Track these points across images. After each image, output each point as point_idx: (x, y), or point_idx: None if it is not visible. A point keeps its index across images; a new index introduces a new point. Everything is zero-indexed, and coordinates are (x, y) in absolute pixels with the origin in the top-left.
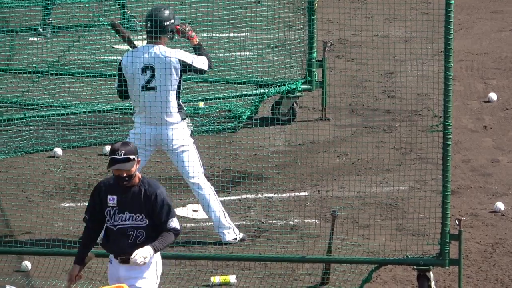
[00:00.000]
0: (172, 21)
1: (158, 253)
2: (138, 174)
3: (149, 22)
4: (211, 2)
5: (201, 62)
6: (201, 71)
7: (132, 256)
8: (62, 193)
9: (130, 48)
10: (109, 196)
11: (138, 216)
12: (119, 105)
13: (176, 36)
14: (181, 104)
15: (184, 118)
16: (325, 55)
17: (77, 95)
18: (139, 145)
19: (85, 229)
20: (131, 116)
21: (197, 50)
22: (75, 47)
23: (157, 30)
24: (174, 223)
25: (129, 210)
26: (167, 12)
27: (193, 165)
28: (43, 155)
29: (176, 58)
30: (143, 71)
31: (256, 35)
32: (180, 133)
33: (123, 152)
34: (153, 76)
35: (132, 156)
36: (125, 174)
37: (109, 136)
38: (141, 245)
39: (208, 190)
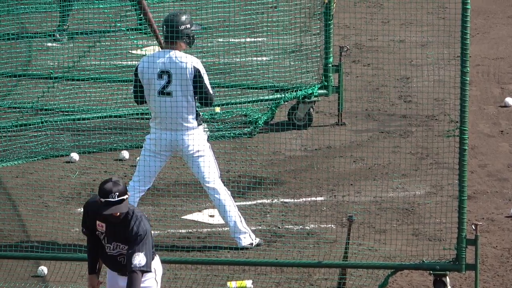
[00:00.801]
0: (188, 25)
1: (157, 258)
2: (130, 206)
3: (165, 27)
4: (228, 7)
5: (210, 86)
6: (206, 93)
7: None
8: (79, 198)
9: (151, 33)
10: (98, 222)
11: (124, 246)
12: (135, 110)
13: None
14: (198, 109)
15: (201, 124)
16: (341, 60)
17: (93, 100)
18: (155, 150)
19: (88, 240)
20: (147, 121)
21: None
22: (91, 52)
23: (172, 35)
24: (136, 260)
25: (116, 240)
26: (183, 17)
27: (209, 170)
28: (59, 160)
29: (192, 64)
30: (160, 76)
31: (272, 40)
32: (196, 138)
33: (117, 194)
34: (169, 81)
35: (125, 196)
36: (118, 214)
37: (125, 141)
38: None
39: (224, 194)
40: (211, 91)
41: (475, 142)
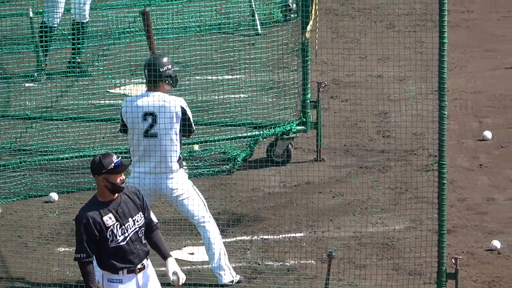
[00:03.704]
0: (170, 66)
1: None
2: None
3: (147, 70)
4: (206, 45)
5: (193, 124)
6: (190, 127)
7: (180, 283)
8: (58, 238)
9: (149, 50)
10: (105, 218)
11: (138, 216)
12: (113, 149)
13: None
14: (181, 151)
15: (182, 167)
16: (319, 96)
17: (72, 139)
18: None
19: (88, 263)
20: (126, 159)
21: None
22: (69, 92)
23: (155, 77)
24: (154, 216)
25: (130, 216)
26: (164, 59)
27: (198, 209)
28: (38, 200)
29: (179, 104)
30: (144, 118)
31: (250, 77)
32: (179, 182)
33: (115, 156)
34: (154, 123)
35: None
36: (124, 177)
37: None
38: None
39: (214, 232)
40: (194, 128)
41: (454, 176)
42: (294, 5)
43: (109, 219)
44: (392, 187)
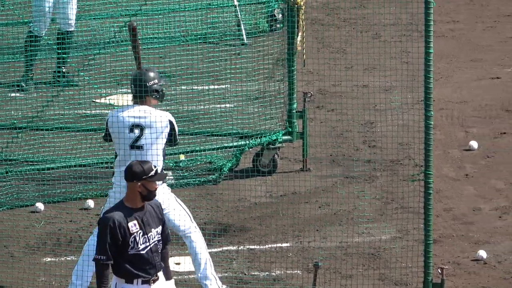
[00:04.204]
0: (156, 81)
1: None
2: None
3: (133, 85)
4: (192, 54)
5: (177, 135)
6: (175, 143)
7: None
8: (44, 248)
9: (135, 62)
10: (130, 224)
11: (159, 229)
12: (99, 159)
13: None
14: (164, 162)
15: (165, 181)
16: (305, 106)
17: (58, 149)
18: None
19: (106, 266)
20: (111, 169)
21: None
22: (55, 102)
23: (142, 92)
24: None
25: (153, 227)
26: (151, 74)
27: (183, 221)
28: (24, 210)
29: (167, 118)
30: (131, 130)
31: (236, 87)
32: (161, 196)
33: (153, 165)
34: (141, 135)
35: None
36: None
37: (90, 190)
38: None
39: (199, 242)
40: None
41: (440, 186)
42: (280, 15)
43: (133, 226)
44: (378, 197)
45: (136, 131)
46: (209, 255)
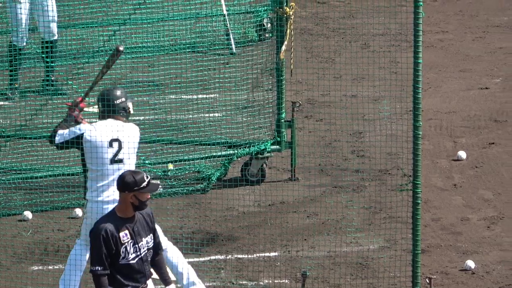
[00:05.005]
0: (123, 99)
1: None
2: None
3: (101, 103)
4: (180, 63)
5: None
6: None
7: None
8: (32, 257)
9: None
10: (121, 234)
11: (149, 237)
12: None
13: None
14: None
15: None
16: (294, 116)
17: (46, 158)
18: None
19: (103, 276)
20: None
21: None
22: (43, 110)
23: (109, 111)
24: (162, 240)
25: (143, 236)
26: (118, 92)
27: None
28: (12, 219)
29: (138, 132)
30: (110, 144)
31: (224, 96)
32: None
33: (146, 174)
34: (120, 148)
35: None
36: (149, 196)
37: (78, 199)
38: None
39: (176, 252)
40: None
41: (428, 195)
42: (269, 25)
43: (125, 236)
44: (366, 206)
45: (115, 145)
46: (188, 264)
